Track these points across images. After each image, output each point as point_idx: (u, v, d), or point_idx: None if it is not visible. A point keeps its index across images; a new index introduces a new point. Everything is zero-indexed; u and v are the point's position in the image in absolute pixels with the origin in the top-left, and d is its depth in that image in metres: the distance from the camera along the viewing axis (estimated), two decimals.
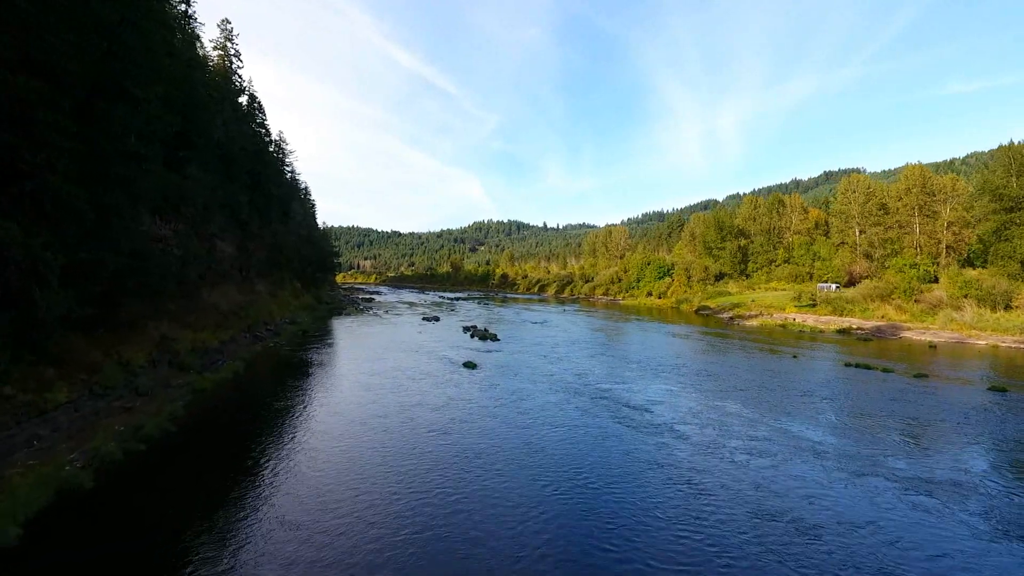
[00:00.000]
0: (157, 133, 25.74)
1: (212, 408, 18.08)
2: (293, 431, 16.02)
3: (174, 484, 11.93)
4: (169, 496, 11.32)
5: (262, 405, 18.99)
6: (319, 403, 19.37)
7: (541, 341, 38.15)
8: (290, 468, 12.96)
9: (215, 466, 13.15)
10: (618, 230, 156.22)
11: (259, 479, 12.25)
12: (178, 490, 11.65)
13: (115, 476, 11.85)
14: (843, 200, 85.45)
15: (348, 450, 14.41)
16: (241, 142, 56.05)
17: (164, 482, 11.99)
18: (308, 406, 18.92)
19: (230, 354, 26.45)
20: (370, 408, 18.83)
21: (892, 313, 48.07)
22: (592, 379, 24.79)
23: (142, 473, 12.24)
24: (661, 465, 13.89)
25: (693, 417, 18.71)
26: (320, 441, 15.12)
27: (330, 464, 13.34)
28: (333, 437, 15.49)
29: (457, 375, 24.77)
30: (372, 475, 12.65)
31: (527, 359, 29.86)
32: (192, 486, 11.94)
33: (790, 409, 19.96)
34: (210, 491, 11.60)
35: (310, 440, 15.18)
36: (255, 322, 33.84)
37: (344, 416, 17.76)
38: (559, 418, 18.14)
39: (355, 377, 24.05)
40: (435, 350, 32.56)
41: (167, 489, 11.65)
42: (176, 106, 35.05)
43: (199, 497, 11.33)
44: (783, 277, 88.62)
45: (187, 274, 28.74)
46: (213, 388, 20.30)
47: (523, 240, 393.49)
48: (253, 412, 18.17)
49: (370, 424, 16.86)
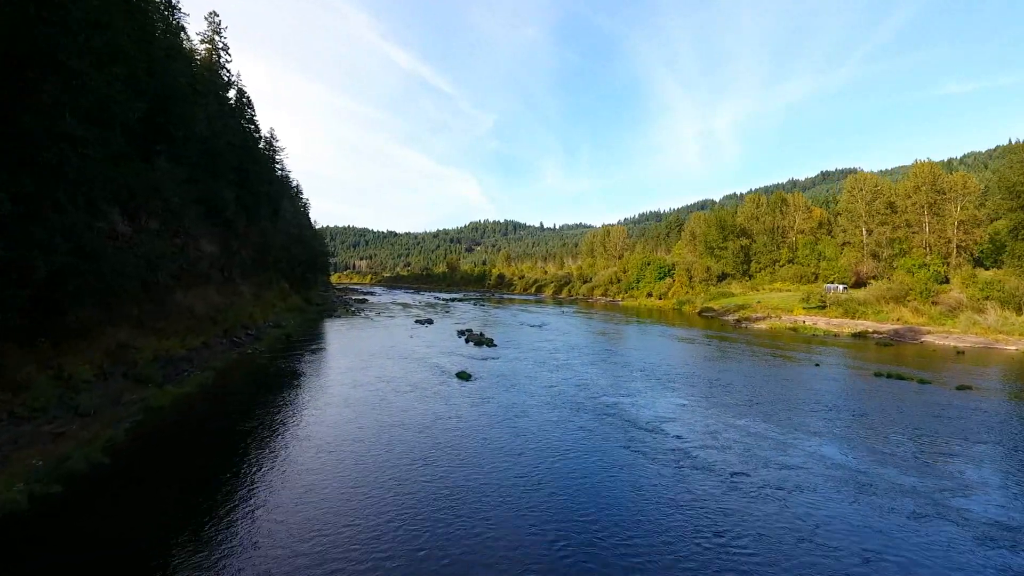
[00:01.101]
0: (117, 118, 23.40)
1: (161, 432, 15.70)
2: (248, 465, 13.67)
3: (85, 544, 9.59)
4: (70, 568, 8.99)
5: (221, 428, 16.64)
6: (289, 424, 17.05)
7: (540, 346, 35.88)
8: (231, 521, 10.64)
9: (144, 518, 10.77)
10: (616, 230, 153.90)
11: (191, 535, 9.92)
12: (87, 555, 9.32)
13: (8, 533, 9.52)
14: (849, 199, 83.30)
15: (309, 492, 12.07)
16: (227, 137, 53.72)
17: (71, 542, 9.64)
18: (275, 429, 16.59)
19: (200, 363, 24.10)
20: (345, 430, 16.51)
21: (908, 316, 45.93)
22: (595, 391, 22.53)
23: (45, 530, 9.88)
24: (680, 506, 11.64)
25: (711, 439, 16.45)
26: (280, 477, 12.81)
27: (287, 515, 11.00)
28: (296, 473, 13.17)
29: (447, 387, 22.46)
30: (332, 528, 10.33)
31: (525, 367, 27.59)
32: (110, 546, 9.61)
33: (824, 429, 17.71)
34: (125, 557, 9.26)
35: (268, 476, 12.87)
36: (233, 326, 31.48)
37: (314, 442, 15.43)
38: (560, 442, 15.85)
39: (335, 390, 21.72)
40: (426, 357, 30.26)
41: (74, 553, 9.32)
42: (148, 93, 32.75)
43: (110, 565, 9.01)
44: (787, 278, 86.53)
45: (155, 275, 26.38)
46: (171, 405, 17.96)
47: (520, 240, 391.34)
48: (208, 437, 15.83)
49: (342, 453, 14.54)
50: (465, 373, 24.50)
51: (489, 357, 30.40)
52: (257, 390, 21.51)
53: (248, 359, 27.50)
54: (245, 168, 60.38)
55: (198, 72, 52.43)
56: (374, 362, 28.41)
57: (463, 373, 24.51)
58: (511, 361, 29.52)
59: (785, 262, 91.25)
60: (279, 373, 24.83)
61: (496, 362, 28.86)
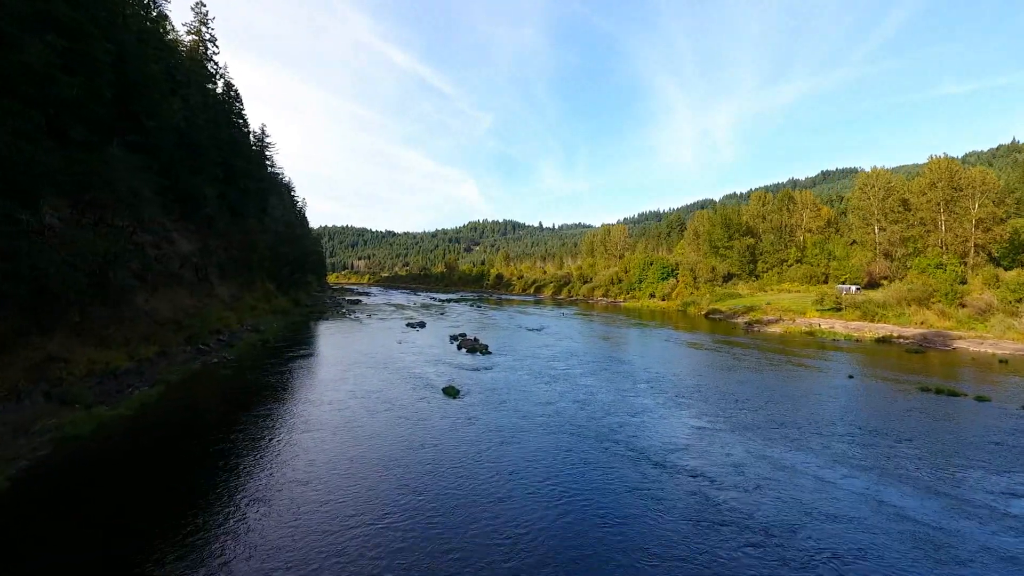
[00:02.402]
0: (50, 98, 20.61)
1: (60, 474, 12.75)
2: (164, 520, 10.81)
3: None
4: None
5: (145, 466, 13.72)
6: (231, 457, 14.17)
7: (537, 353, 32.99)
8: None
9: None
10: (617, 229, 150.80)
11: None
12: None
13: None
14: (860, 196, 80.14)
15: (231, 558, 9.23)
16: (210, 131, 50.99)
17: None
18: (209, 465, 13.71)
19: (152, 376, 21.24)
20: (296, 468, 13.62)
21: (933, 319, 42.95)
22: (597, 409, 19.65)
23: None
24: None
25: (737, 476, 13.58)
26: (199, 538, 9.93)
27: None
28: (221, 531, 10.30)
29: (430, 407, 19.57)
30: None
31: (520, 379, 24.71)
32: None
33: (876, 462, 14.79)
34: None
35: (183, 537, 9.99)
36: (199, 332, 28.61)
37: (256, 485, 12.57)
38: (555, 483, 12.98)
39: (300, 410, 18.85)
40: (412, 366, 27.39)
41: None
42: (108, 74, 29.96)
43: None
44: (796, 278, 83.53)
45: (106, 277, 23.54)
46: (94, 433, 15.08)
47: (519, 240, 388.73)
48: (126, 480, 12.90)
49: (282, 502, 11.67)
50: (452, 388, 21.58)
51: (482, 367, 27.50)
52: (206, 410, 18.63)
53: (211, 370, 24.61)
54: (231, 164, 57.74)
55: (178, 61, 49.73)
56: (352, 373, 25.54)
57: (450, 388, 21.60)
58: (505, 371, 26.64)
59: (793, 262, 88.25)
60: (240, 387, 21.94)
61: (489, 373, 25.98)
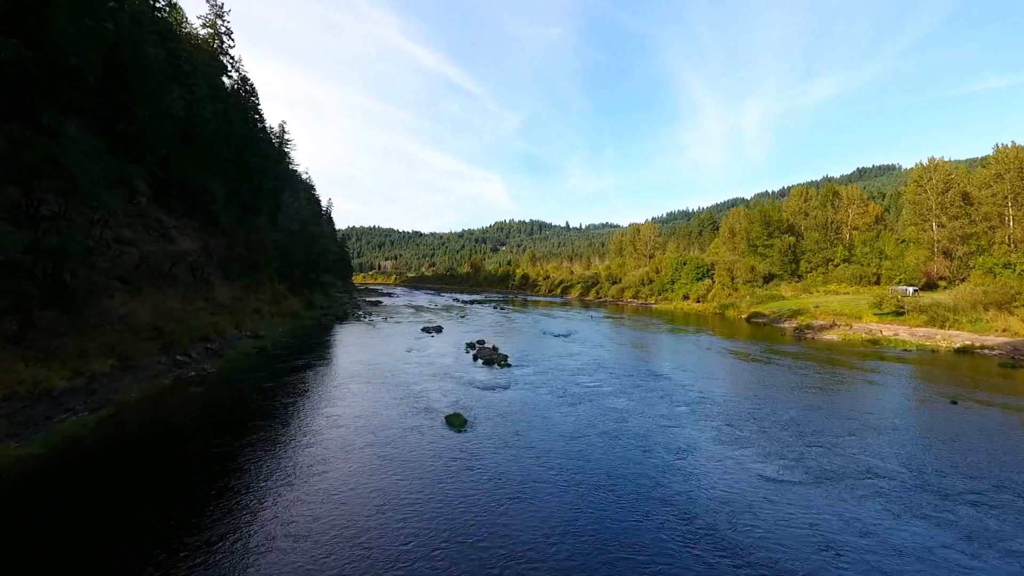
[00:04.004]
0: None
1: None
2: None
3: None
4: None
5: (28, 541, 10.10)
6: (153, 520, 10.48)
7: (562, 365, 28.89)
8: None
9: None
10: (647, 227, 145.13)
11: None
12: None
13: None
14: (916, 189, 73.40)
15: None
16: (219, 124, 48.41)
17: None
18: (120, 532, 10.03)
19: (103, 396, 17.89)
20: (236, 534, 9.82)
21: (1018, 326, 37.24)
22: (633, 446, 15.47)
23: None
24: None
25: (836, 559, 9.22)
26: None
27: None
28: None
29: (424, 442, 15.66)
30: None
31: (540, 402, 20.66)
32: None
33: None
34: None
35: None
36: (178, 340, 25.36)
37: (172, 565, 8.80)
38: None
39: (264, 445, 15.14)
40: (416, 382, 23.62)
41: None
42: (91, 57, 27.21)
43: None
44: (844, 279, 77.18)
45: (60, 278, 20.44)
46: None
47: (545, 240, 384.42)
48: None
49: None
50: (457, 417, 17.57)
51: (497, 385, 23.52)
52: (146, 445, 15.00)
53: (181, 386, 21.17)
54: (245, 160, 55.30)
55: (183, 49, 47.24)
56: (345, 391, 21.88)
57: (454, 416, 17.58)
58: (524, 390, 22.63)
59: (840, 261, 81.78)
60: (202, 411, 18.38)
61: (504, 393, 21.98)
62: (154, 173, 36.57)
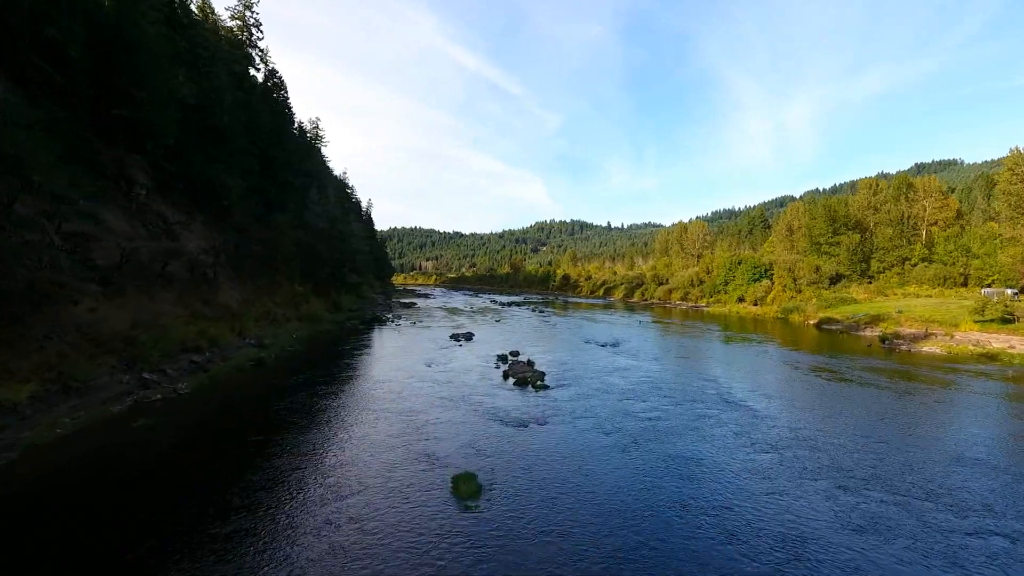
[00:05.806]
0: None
1: None
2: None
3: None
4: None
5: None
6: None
7: (609, 386, 23.75)
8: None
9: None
10: (696, 225, 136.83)
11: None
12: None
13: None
14: (1011, 179, 64.02)
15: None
16: (238, 114, 45.28)
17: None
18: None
19: (11, 436, 13.87)
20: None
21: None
22: (710, 524, 10.43)
23: None
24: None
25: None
26: None
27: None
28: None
29: (414, 521, 11.02)
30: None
31: (582, 445, 15.75)
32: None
33: None
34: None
35: None
36: (149, 354, 21.48)
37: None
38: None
39: (192, 518, 10.81)
40: (426, 412, 19.04)
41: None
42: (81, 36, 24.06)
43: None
44: (925, 280, 68.43)
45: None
46: None
47: (586, 240, 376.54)
48: None
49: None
50: (469, 480, 12.55)
51: (529, 417, 18.59)
52: (16, 522, 10.77)
53: (132, 416, 17.07)
54: (270, 155, 52.38)
55: (199, 33, 44.31)
56: (337, 426, 17.47)
57: (464, 480, 12.55)
58: (562, 424, 17.70)
59: (918, 260, 72.79)
60: (137, 459, 14.09)
61: (537, 431, 17.07)
62: (158, 164, 33.22)
